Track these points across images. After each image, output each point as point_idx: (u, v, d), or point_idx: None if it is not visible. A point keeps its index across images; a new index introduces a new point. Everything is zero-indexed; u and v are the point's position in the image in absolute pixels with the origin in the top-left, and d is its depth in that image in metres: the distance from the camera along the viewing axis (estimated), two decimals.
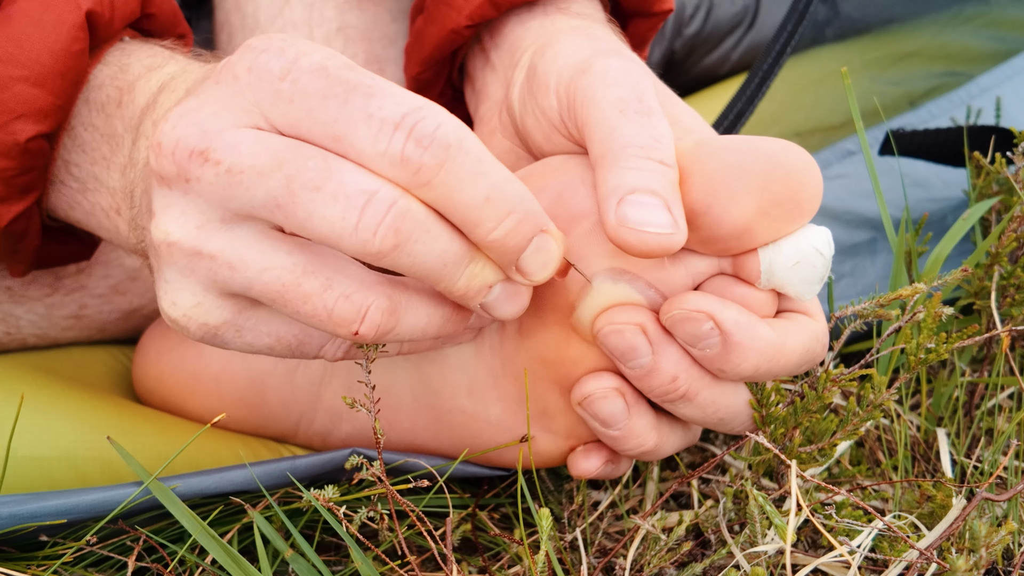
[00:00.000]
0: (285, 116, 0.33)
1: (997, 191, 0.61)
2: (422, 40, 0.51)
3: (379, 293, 0.35)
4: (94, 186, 0.43)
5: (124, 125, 0.42)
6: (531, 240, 0.35)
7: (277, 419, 0.51)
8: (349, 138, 0.32)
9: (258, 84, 0.33)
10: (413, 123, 0.32)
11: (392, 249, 0.33)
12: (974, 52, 0.76)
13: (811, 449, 0.42)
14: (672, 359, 0.38)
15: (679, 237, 0.36)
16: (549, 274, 0.36)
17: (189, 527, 0.39)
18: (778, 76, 0.59)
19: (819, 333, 0.40)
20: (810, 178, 0.37)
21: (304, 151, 0.32)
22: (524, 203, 0.34)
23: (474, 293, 0.36)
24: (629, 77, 0.39)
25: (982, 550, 0.39)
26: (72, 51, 0.41)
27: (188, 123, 0.33)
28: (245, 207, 0.33)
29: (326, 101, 0.32)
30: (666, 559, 0.43)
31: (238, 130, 0.33)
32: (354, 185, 0.32)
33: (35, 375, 0.51)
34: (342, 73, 0.33)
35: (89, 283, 0.56)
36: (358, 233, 0.32)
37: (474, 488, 0.52)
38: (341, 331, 0.35)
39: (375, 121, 0.32)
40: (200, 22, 0.69)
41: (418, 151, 0.32)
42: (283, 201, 0.32)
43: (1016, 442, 0.47)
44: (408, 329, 0.36)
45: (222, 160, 0.32)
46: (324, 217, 0.32)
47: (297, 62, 0.33)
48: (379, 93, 0.32)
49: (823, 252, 0.38)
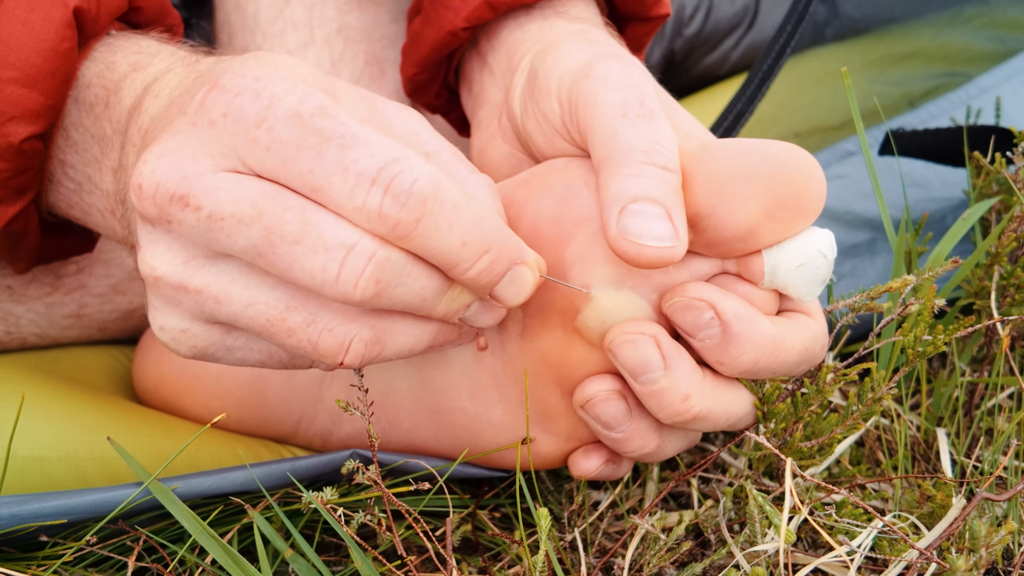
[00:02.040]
0: (263, 163, 0.33)
1: (997, 191, 0.61)
2: (419, 41, 0.51)
3: (362, 324, 0.36)
4: (89, 188, 0.43)
5: (112, 127, 0.42)
6: (505, 273, 0.36)
7: (277, 419, 0.51)
8: (326, 191, 0.33)
9: (234, 130, 0.33)
10: (390, 178, 0.32)
11: (373, 297, 0.34)
12: (974, 52, 0.76)
13: (812, 444, 0.42)
14: (686, 376, 0.38)
15: (679, 249, 0.36)
16: (523, 299, 0.37)
17: (189, 527, 0.39)
18: (778, 76, 0.59)
19: (819, 333, 0.40)
20: (814, 180, 0.37)
21: (283, 201, 0.33)
22: (500, 240, 0.35)
23: (453, 313, 0.37)
24: (631, 80, 0.39)
25: (982, 550, 0.39)
26: (61, 50, 0.41)
27: (167, 166, 0.33)
28: (227, 249, 0.34)
29: (300, 153, 0.33)
30: (666, 559, 0.43)
31: (216, 174, 0.33)
32: (333, 239, 0.33)
33: (35, 375, 0.51)
34: (316, 121, 0.33)
35: (89, 282, 0.56)
36: (339, 285, 0.33)
37: (474, 488, 0.52)
38: (326, 362, 0.36)
39: (351, 175, 0.32)
40: (200, 22, 0.69)
41: (396, 207, 0.32)
42: (264, 251, 0.33)
43: (1016, 442, 0.47)
44: (395, 351, 0.37)
45: (203, 207, 0.33)
46: (304, 269, 0.33)
47: (271, 108, 0.33)
48: (353, 144, 0.33)
49: (826, 255, 0.38)
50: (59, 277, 0.55)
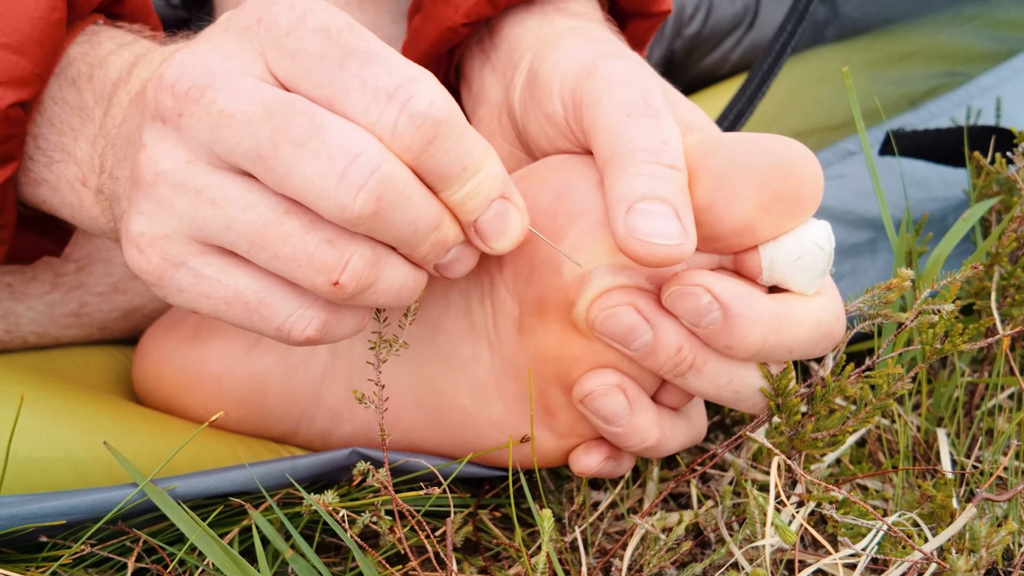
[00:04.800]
0: (287, 71, 0.34)
1: (997, 191, 0.61)
2: (419, 38, 0.51)
3: (363, 242, 0.35)
4: (60, 157, 0.43)
5: (95, 97, 0.42)
6: (494, 199, 0.36)
7: (277, 419, 0.51)
8: (343, 102, 0.33)
9: (266, 35, 0.34)
10: (406, 97, 0.32)
11: (371, 215, 0.33)
12: (974, 52, 0.76)
13: (823, 435, 0.42)
14: (672, 331, 0.38)
15: (688, 247, 0.36)
16: (507, 243, 0.37)
17: (185, 528, 0.39)
18: (778, 76, 0.59)
19: (831, 306, 0.39)
20: (811, 174, 0.37)
21: (295, 106, 0.33)
22: (495, 167, 0.36)
23: (433, 256, 0.37)
24: (635, 79, 0.39)
25: (982, 550, 0.39)
26: (51, 20, 0.41)
27: (196, 62, 0.34)
28: (229, 153, 0.33)
29: (323, 64, 0.33)
30: (666, 559, 0.43)
31: (242, 76, 0.33)
32: (338, 146, 0.32)
33: (35, 376, 0.51)
34: (342, 36, 0.33)
35: (90, 281, 0.56)
36: (338, 194, 0.32)
37: (475, 488, 0.52)
38: (319, 280, 0.34)
39: (368, 89, 0.33)
40: (200, 22, 0.69)
41: (411, 127, 0.33)
42: (265, 153, 0.33)
43: (1016, 442, 0.47)
44: (385, 287, 0.36)
45: (216, 100, 0.33)
46: (303, 174, 0.32)
47: (304, 19, 0.33)
48: (374, 60, 0.33)
49: (823, 247, 0.38)
50: (59, 275, 0.55)
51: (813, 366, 0.43)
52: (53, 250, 0.50)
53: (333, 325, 0.37)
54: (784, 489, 0.46)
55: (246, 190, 0.34)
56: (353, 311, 0.38)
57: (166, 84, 0.34)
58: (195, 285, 0.36)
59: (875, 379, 0.42)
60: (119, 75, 0.41)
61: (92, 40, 0.43)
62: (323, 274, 0.34)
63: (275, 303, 0.36)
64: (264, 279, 0.36)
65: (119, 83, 0.41)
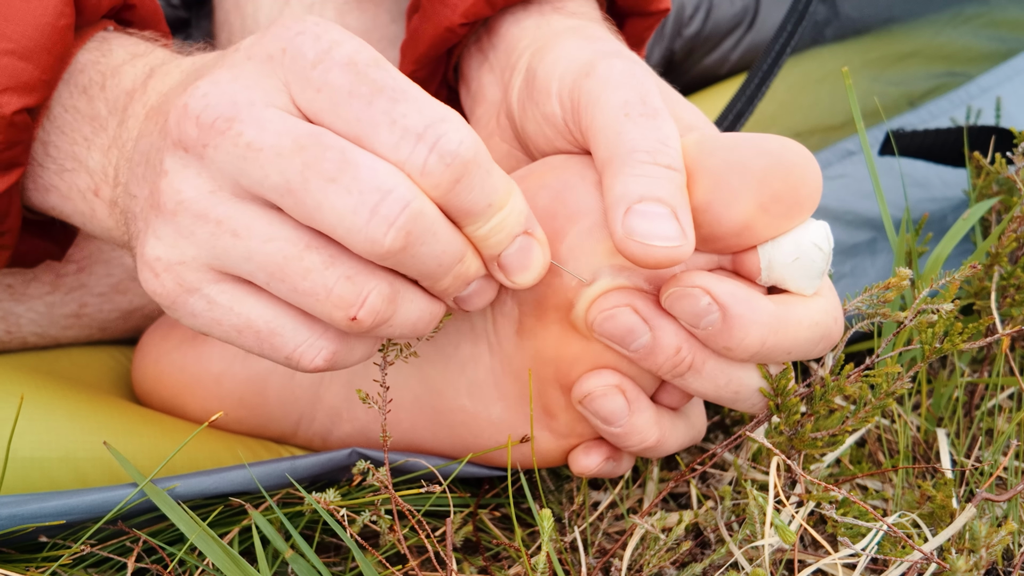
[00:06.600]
0: (311, 103, 0.33)
1: (997, 191, 0.61)
2: (417, 38, 0.51)
3: (381, 278, 0.35)
4: (72, 166, 0.43)
5: (108, 107, 0.42)
6: (518, 235, 0.36)
7: (277, 420, 0.51)
8: (371, 140, 0.33)
9: (291, 65, 0.34)
10: (436, 138, 0.33)
11: (400, 250, 0.33)
12: (974, 52, 0.76)
13: (823, 435, 0.42)
14: (670, 332, 0.38)
15: (686, 248, 0.35)
16: (530, 277, 0.37)
17: (184, 528, 0.39)
18: (778, 76, 0.59)
19: (829, 307, 0.39)
20: (809, 174, 0.37)
21: (325, 140, 0.33)
22: (519, 204, 0.36)
23: (455, 289, 0.37)
24: (633, 79, 0.39)
25: (982, 550, 0.39)
26: (58, 26, 0.41)
27: (220, 92, 0.33)
28: (256, 185, 0.33)
29: (351, 100, 0.33)
30: (665, 559, 0.43)
31: (267, 108, 0.33)
32: (370, 181, 0.32)
33: (35, 376, 0.51)
34: (370, 72, 0.33)
35: (90, 282, 0.56)
36: (369, 229, 0.32)
37: (475, 488, 0.52)
38: (338, 314, 0.34)
39: (398, 128, 0.33)
40: (200, 22, 0.69)
41: (440, 166, 0.33)
42: (296, 187, 0.33)
43: (1016, 442, 0.47)
44: (401, 321, 0.36)
45: (244, 133, 0.33)
46: (334, 208, 0.32)
47: (330, 52, 0.33)
48: (403, 99, 0.33)
49: (822, 247, 0.37)
50: (59, 276, 0.55)
51: (812, 366, 0.43)
52: (55, 254, 0.50)
53: (343, 355, 0.37)
54: (784, 489, 0.46)
55: (268, 222, 0.34)
56: (363, 340, 0.38)
57: (191, 115, 0.33)
58: (208, 311, 0.36)
59: (874, 378, 0.42)
60: (133, 86, 0.41)
61: (103, 47, 0.43)
62: (342, 309, 0.34)
63: (286, 332, 0.36)
64: (277, 308, 0.36)
65: (134, 94, 0.41)
